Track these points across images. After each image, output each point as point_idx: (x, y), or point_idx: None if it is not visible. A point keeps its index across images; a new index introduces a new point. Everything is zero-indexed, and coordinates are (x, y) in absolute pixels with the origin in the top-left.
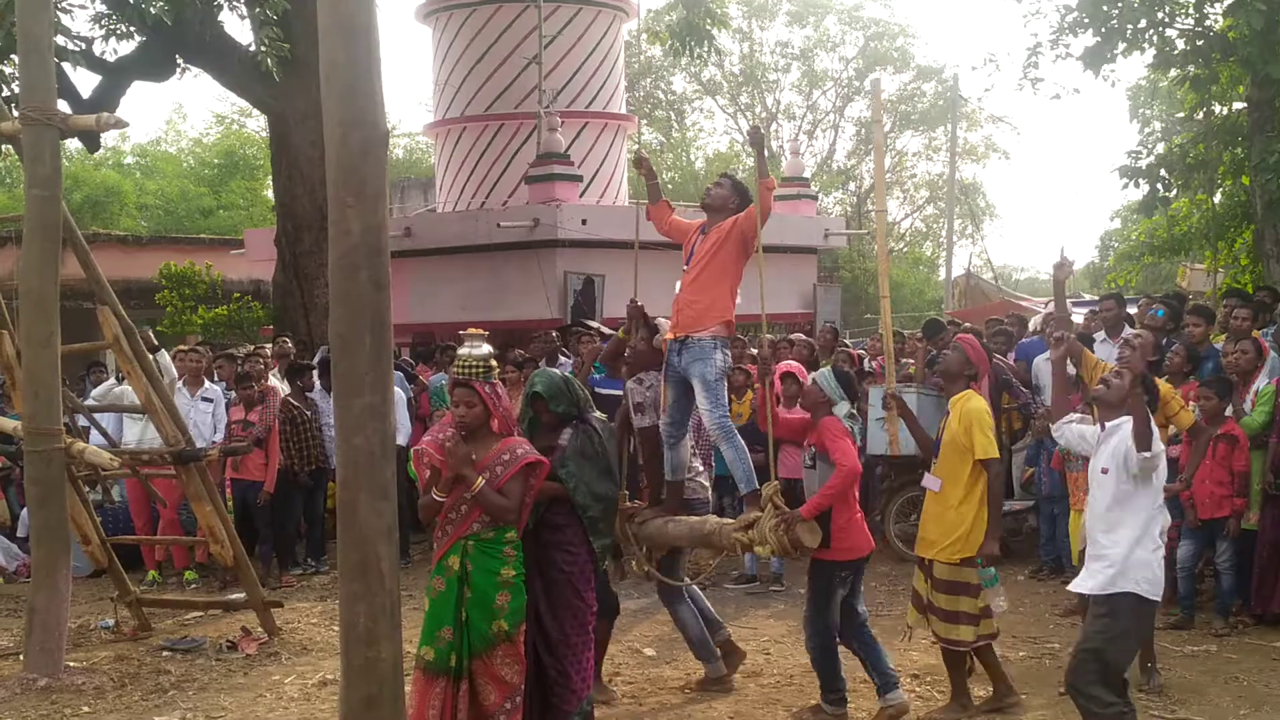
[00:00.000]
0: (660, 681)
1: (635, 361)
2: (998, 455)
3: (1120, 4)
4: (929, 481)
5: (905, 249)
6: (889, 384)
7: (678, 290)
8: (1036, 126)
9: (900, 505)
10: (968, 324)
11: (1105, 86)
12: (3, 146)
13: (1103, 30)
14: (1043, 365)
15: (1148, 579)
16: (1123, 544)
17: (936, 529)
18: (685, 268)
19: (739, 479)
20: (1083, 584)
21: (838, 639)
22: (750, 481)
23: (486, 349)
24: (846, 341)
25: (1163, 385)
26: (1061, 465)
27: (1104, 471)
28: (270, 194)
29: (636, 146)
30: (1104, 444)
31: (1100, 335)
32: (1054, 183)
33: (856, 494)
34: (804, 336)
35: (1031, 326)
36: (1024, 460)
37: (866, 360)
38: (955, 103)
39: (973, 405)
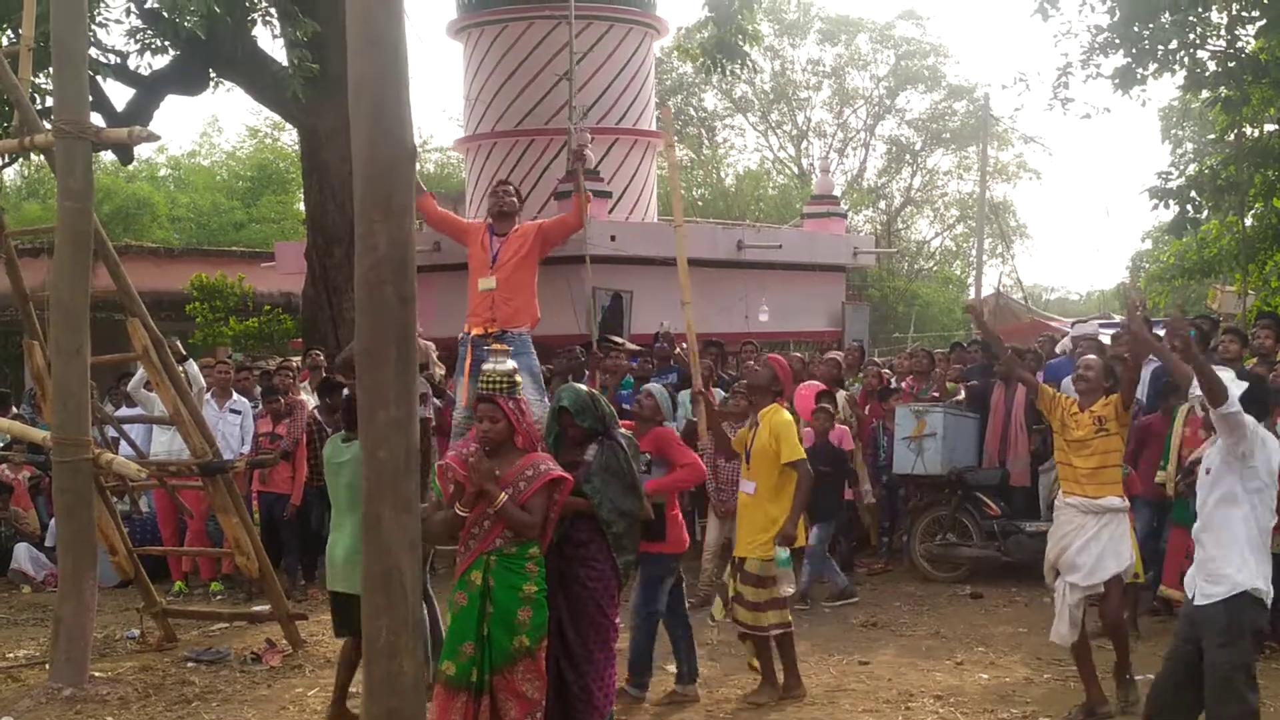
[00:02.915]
0: (684, 699)
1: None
2: (804, 456)
3: (1151, 25)
4: (744, 486)
5: (935, 268)
6: (697, 386)
7: (480, 289)
8: (1068, 146)
9: (926, 525)
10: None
11: (1136, 106)
12: (35, 158)
13: (1134, 51)
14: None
15: (1263, 576)
16: (1230, 546)
17: (749, 529)
18: (491, 267)
19: None
20: (1200, 592)
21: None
22: None
23: (511, 364)
24: (876, 360)
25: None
26: None
27: (1207, 472)
28: (301, 207)
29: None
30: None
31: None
32: (1086, 203)
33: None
34: (836, 354)
35: (1060, 348)
36: (1052, 480)
37: (893, 379)
38: (986, 122)
39: (780, 418)
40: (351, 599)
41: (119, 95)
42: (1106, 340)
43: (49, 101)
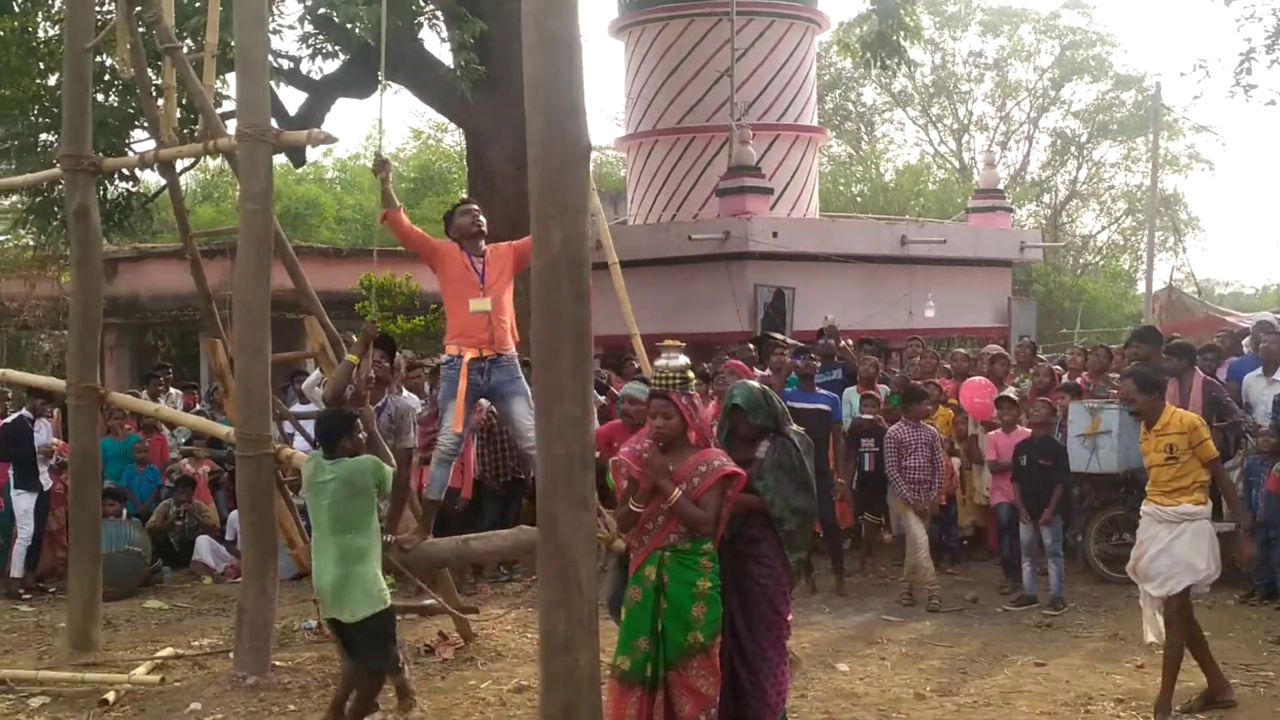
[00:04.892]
0: (854, 697)
1: (378, 388)
2: None
3: None
4: None
5: (1101, 262)
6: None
7: (472, 309)
8: (1245, 135)
9: (1101, 525)
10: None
11: None
12: (212, 161)
13: None
14: (1253, 382)
15: None
16: None
17: None
18: (481, 288)
19: None
20: None
21: None
22: None
23: (683, 360)
24: (1043, 357)
25: (1191, 415)
26: (1279, 486)
27: None
28: None
29: (377, 151)
30: None
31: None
32: (1263, 194)
33: None
34: (1000, 350)
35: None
36: (1235, 478)
37: (1064, 376)
38: (1157, 112)
39: None
40: (349, 627)
41: (292, 100)
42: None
43: (224, 106)
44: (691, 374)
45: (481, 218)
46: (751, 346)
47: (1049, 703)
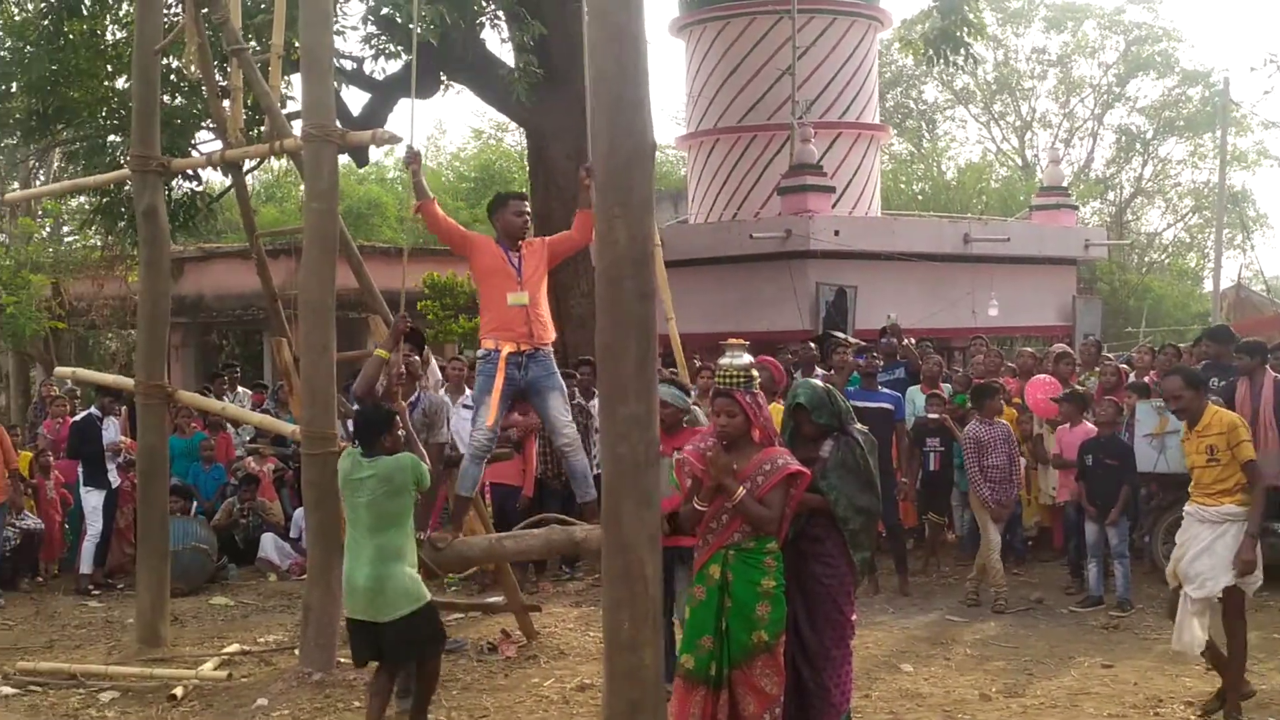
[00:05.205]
0: (918, 698)
1: (408, 382)
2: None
3: None
4: None
5: (1167, 260)
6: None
7: (511, 303)
8: None
9: (1168, 525)
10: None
11: None
12: (275, 162)
13: None
14: None
15: None
16: None
17: None
18: (519, 281)
19: (588, 488)
20: None
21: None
22: (593, 490)
23: (747, 359)
24: (1109, 355)
25: (1231, 415)
26: None
27: None
28: None
29: (408, 143)
30: None
31: None
32: None
33: None
34: (1066, 348)
35: None
36: None
37: (1131, 375)
38: (1224, 108)
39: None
40: (378, 626)
41: (355, 100)
42: None
43: (288, 107)
44: (755, 372)
45: (530, 218)
46: (813, 345)
47: (1117, 705)
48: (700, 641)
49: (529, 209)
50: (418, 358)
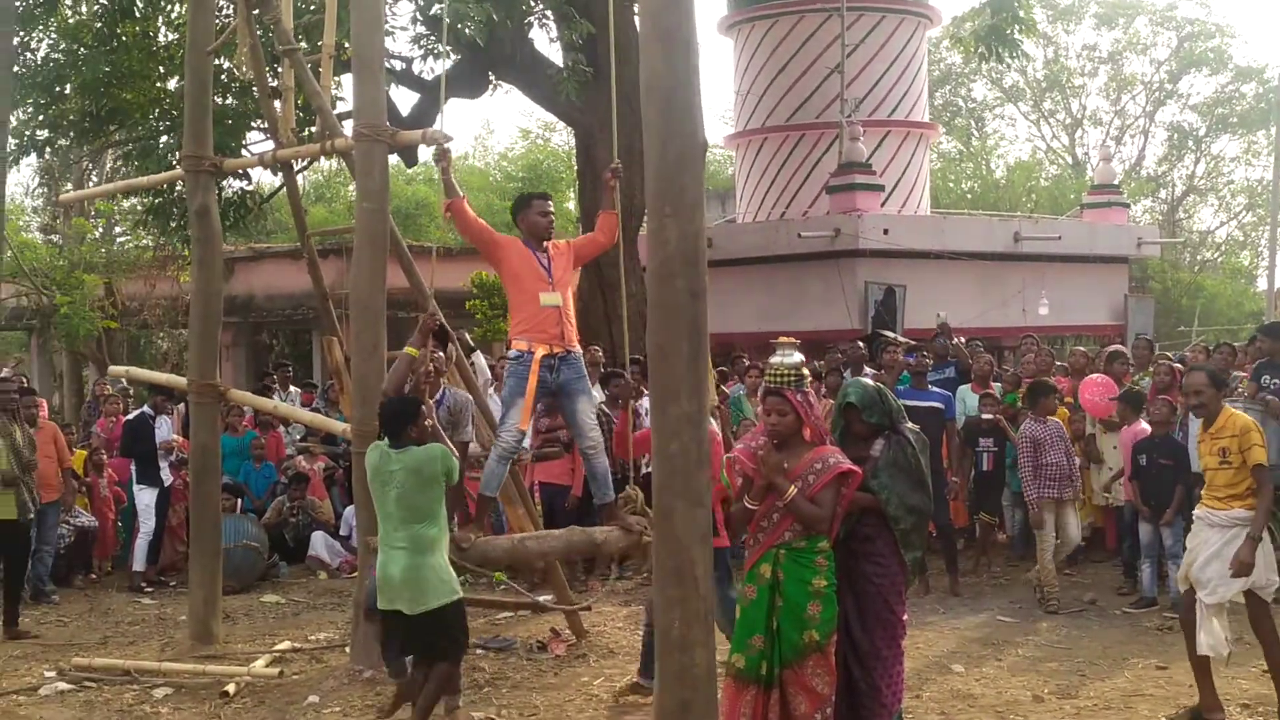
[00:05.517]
0: (970, 698)
1: (434, 381)
2: None
3: None
4: None
5: (1220, 259)
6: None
7: (543, 304)
8: None
9: None
10: None
11: None
12: (325, 162)
13: None
14: None
15: None
16: None
17: None
18: (550, 282)
19: (607, 490)
20: None
21: None
22: (612, 492)
23: (798, 357)
24: (1169, 355)
25: (1244, 418)
26: None
27: None
28: (572, 206)
29: (436, 140)
30: None
31: None
32: None
33: None
34: (1120, 347)
35: None
36: None
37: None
38: (1279, 104)
39: None
40: (413, 620)
41: (404, 100)
42: None
43: (338, 107)
44: (806, 371)
45: (554, 217)
46: (861, 344)
47: (1171, 707)
48: (751, 641)
49: (552, 208)
50: (442, 354)
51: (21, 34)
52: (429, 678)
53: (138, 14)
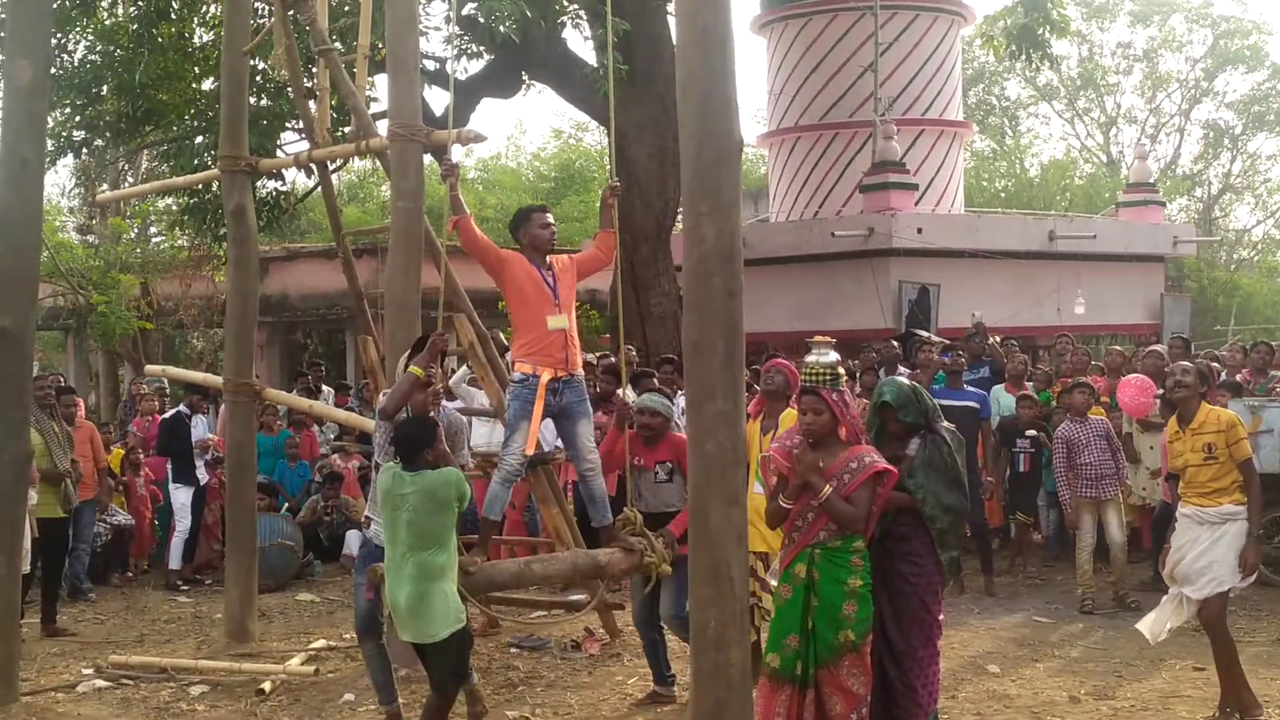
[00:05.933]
0: (1006, 699)
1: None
2: None
3: None
4: (755, 486)
5: (1257, 257)
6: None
7: (552, 327)
8: None
9: (1265, 526)
10: None
11: None
12: (358, 162)
13: None
14: None
15: None
16: None
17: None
18: (556, 304)
19: (605, 513)
20: None
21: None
22: (610, 514)
23: (834, 356)
24: (1216, 353)
25: (1228, 413)
26: None
27: None
28: None
29: (446, 156)
30: None
31: None
32: None
33: None
34: (1159, 348)
35: None
36: None
37: (1223, 373)
38: None
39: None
40: (422, 648)
41: (437, 100)
42: None
43: (372, 108)
44: (841, 370)
45: (555, 229)
46: (895, 344)
47: (1209, 708)
48: (786, 641)
49: (553, 219)
50: (440, 370)
51: (58, 35)
52: (426, 704)
53: (174, 15)
